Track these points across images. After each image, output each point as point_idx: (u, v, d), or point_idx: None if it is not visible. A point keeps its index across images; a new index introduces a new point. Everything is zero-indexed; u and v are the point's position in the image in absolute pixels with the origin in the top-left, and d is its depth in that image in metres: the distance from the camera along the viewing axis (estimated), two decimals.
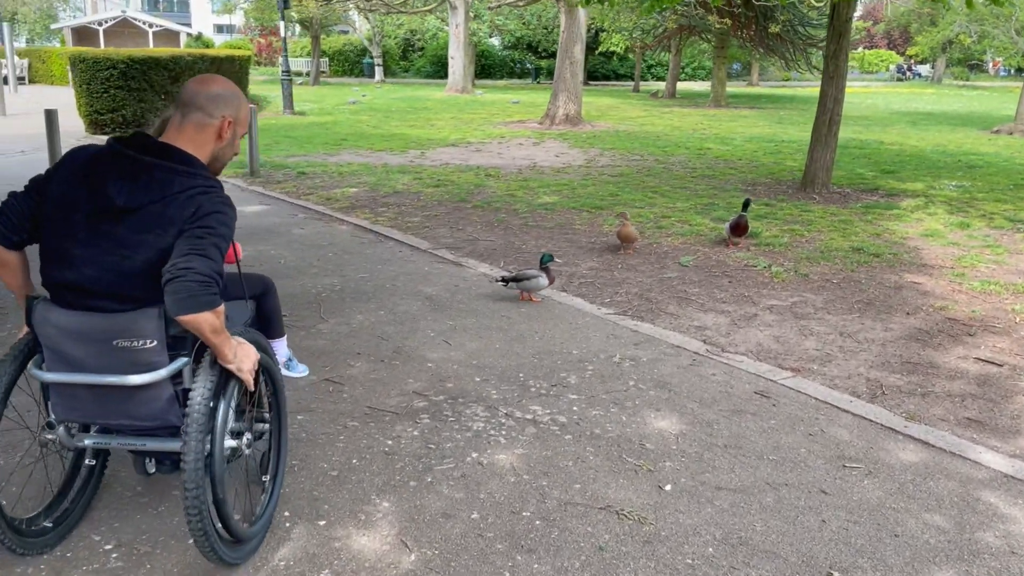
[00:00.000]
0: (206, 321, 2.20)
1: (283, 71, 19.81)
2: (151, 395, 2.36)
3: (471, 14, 33.50)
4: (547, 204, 8.86)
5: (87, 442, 2.55)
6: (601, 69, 46.39)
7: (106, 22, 43.52)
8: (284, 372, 3.36)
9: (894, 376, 4.31)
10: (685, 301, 5.51)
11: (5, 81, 22.01)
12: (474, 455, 3.33)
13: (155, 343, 2.29)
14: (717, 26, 22.41)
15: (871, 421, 3.74)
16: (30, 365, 2.42)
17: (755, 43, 24.46)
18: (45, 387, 2.48)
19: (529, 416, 3.69)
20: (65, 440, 2.52)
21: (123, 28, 43.44)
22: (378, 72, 38.98)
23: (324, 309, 5.14)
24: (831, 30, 9.19)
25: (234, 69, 19.54)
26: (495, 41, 45.91)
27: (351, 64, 45.39)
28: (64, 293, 2.33)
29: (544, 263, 5.38)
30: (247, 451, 2.60)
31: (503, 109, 22.80)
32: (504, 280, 5.39)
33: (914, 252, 6.93)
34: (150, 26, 44.12)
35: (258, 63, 44.32)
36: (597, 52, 32.98)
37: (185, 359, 2.38)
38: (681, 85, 40.88)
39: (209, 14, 59.22)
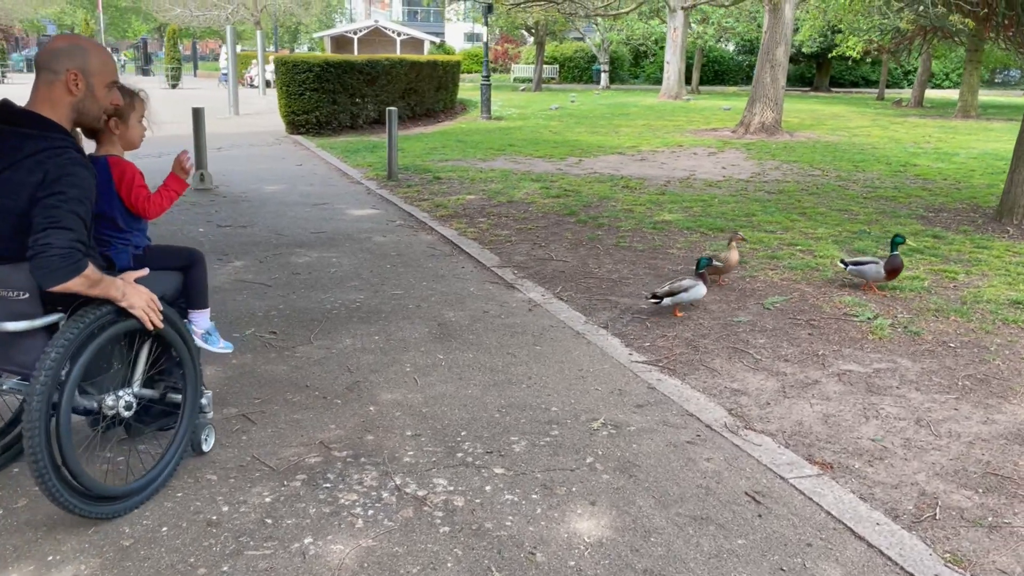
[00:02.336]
0: (76, 285, 2.42)
1: (483, 77, 19.88)
2: (30, 345, 2.50)
3: (698, 16, 32.07)
4: (661, 222, 7.82)
5: (5, 387, 2.70)
6: (848, 75, 42.90)
7: (360, 31, 46.71)
8: (202, 344, 3.20)
9: (963, 493, 3.06)
10: (738, 354, 4.41)
11: (242, 84, 24.01)
12: (307, 541, 2.65)
13: (27, 295, 2.45)
14: (959, 26, 19.52)
15: (889, 559, 2.61)
16: None
17: (1017, 44, 21.04)
18: None
19: (422, 492, 2.95)
20: None
21: (375, 36, 46.38)
22: (603, 78, 38.52)
23: (320, 329, 4.66)
24: None
25: (437, 74, 19.90)
26: (730, 47, 43.84)
27: (580, 71, 45.35)
28: None
29: (700, 269, 4.80)
30: (126, 414, 2.72)
31: (706, 116, 21.40)
32: (656, 296, 4.72)
33: None
34: (398, 35, 46.75)
35: (494, 69, 45.52)
36: (832, 56, 30.24)
37: (60, 315, 2.51)
38: (938, 93, 36.81)
39: (460, 23, 61.93)
